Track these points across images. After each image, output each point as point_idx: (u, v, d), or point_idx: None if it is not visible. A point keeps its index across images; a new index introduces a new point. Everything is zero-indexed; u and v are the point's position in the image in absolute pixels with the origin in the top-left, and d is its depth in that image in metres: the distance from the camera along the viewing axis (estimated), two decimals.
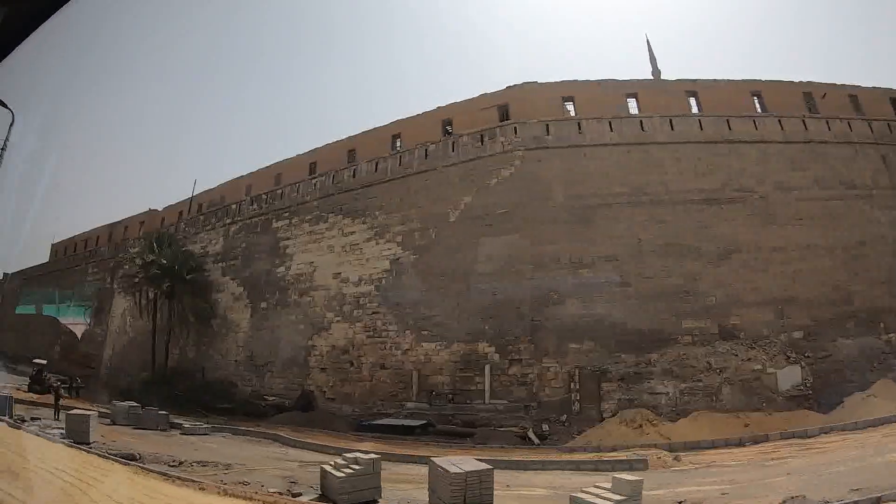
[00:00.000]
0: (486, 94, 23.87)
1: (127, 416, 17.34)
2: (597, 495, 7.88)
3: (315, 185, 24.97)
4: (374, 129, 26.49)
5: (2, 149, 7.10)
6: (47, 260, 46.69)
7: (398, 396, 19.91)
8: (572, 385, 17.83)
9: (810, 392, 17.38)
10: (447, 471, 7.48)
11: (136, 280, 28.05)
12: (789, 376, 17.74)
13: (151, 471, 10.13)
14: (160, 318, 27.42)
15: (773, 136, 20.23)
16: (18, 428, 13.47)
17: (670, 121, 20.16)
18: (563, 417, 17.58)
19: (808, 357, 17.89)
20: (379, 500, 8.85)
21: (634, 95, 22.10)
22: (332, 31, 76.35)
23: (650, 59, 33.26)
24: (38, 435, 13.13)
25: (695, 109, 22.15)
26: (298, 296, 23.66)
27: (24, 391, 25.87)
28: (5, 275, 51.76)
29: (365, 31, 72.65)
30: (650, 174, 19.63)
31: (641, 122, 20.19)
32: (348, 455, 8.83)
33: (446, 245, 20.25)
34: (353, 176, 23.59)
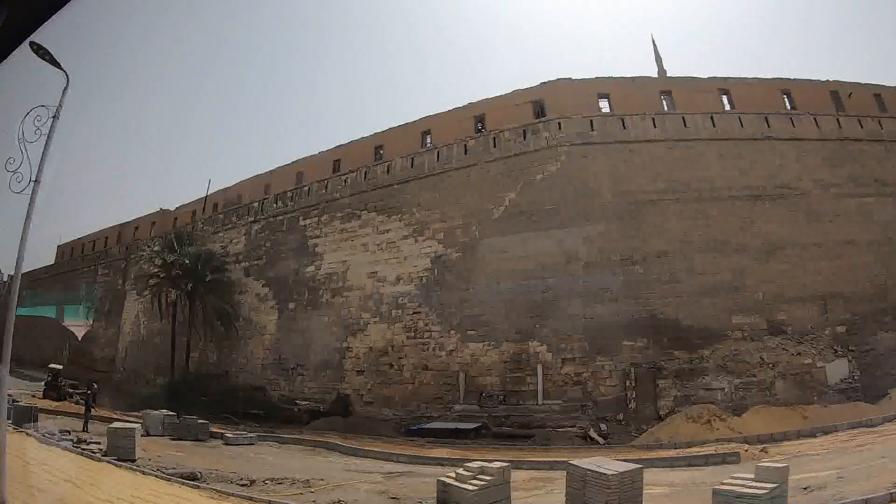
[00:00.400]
0: (518, 89, 23.33)
1: (162, 426, 16.05)
2: (742, 485, 7.47)
3: (345, 181, 23.95)
4: (403, 125, 25.65)
5: (55, 115, 6.34)
6: (53, 262, 44.44)
7: (443, 399, 19.14)
8: (627, 383, 17.46)
9: (858, 385, 17.56)
10: (602, 472, 6.89)
11: (156, 281, 26.48)
12: (837, 370, 17.82)
13: (232, 494, 9.12)
14: (180, 319, 25.98)
15: (809, 133, 20.39)
16: (52, 445, 12.17)
17: (711, 117, 20.09)
18: (620, 416, 17.16)
19: (853, 351, 18.08)
20: None
21: (669, 93, 21.96)
22: (356, 27, 74.64)
23: (656, 59, 33.44)
24: (82, 454, 11.73)
25: (727, 107, 22.32)
26: (331, 296, 22.61)
27: (39, 398, 24.11)
28: (9, 276, 49.00)
29: (388, 27, 71.38)
30: (694, 170, 19.48)
31: (683, 118, 20.06)
32: (471, 465, 8.10)
33: (491, 242, 19.60)
34: (387, 172, 22.75)
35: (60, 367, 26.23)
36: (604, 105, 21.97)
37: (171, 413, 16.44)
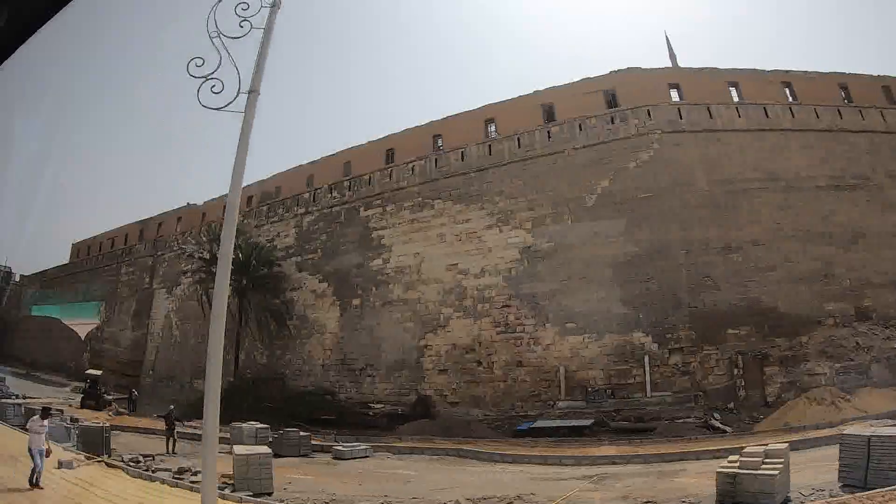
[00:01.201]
0: (587, 78, 22.45)
1: (255, 442, 13.88)
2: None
3: (413, 169, 22.22)
4: (464, 112, 24.16)
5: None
6: (67, 261, 39.60)
7: (541, 396, 17.88)
8: (735, 371, 17.00)
9: None
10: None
11: (200, 276, 23.71)
12: None
13: None
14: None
15: (877, 126, 20.88)
16: (153, 480, 9.56)
17: (790, 108, 20.18)
18: (731, 404, 16.70)
19: None
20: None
21: (735, 84, 21.93)
22: (407, 12, 71.52)
23: (670, 56, 33.84)
24: (192, 488, 8.75)
25: (789, 99, 22.57)
26: (403, 291, 20.83)
27: (77, 407, 20.95)
28: (21, 277, 43.16)
29: (441, 12, 68.50)
30: (779, 160, 19.28)
31: (765, 108, 19.99)
32: (751, 450, 7.15)
33: (586, 231, 18.63)
34: (461, 159, 21.32)
35: (99, 372, 23.10)
36: (674, 95, 21.68)
37: (263, 426, 14.27)
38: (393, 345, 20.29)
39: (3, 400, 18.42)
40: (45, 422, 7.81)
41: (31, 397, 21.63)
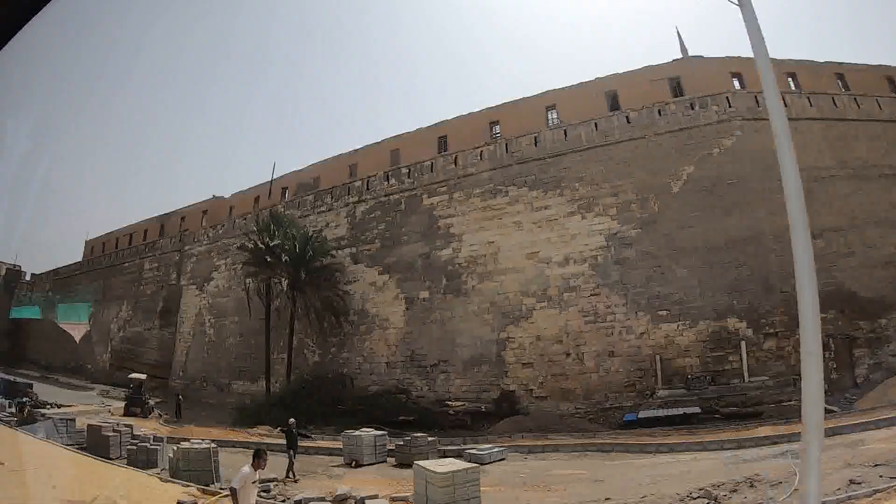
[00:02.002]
0: (650, 66, 22.11)
1: (375, 451, 12.10)
2: None
3: (481, 155, 21.04)
4: (523, 99, 23.25)
5: None
6: (80, 258, 35.73)
7: (636, 386, 17.17)
8: (827, 354, 16.97)
9: None
10: None
11: (250, 269, 21.52)
12: None
13: None
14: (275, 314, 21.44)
15: None
16: None
17: (855, 99, 20.49)
18: (825, 386, 16.68)
19: None
20: None
21: (793, 74, 22.14)
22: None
23: (681, 50, 34.33)
24: None
25: (841, 89, 22.97)
26: (478, 281, 19.59)
27: (120, 414, 18.47)
28: (33, 276, 38.91)
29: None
30: (849, 150, 19.50)
31: (833, 98, 20.20)
32: None
33: (673, 217, 18.04)
34: (535, 144, 20.33)
35: (144, 376, 20.60)
36: (736, 84, 21.61)
37: (380, 433, 12.67)
38: (469, 338, 19.05)
39: (38, 410, 15.85)
40: (258, 473, 5.34)
41: (63, 405, 18.98)
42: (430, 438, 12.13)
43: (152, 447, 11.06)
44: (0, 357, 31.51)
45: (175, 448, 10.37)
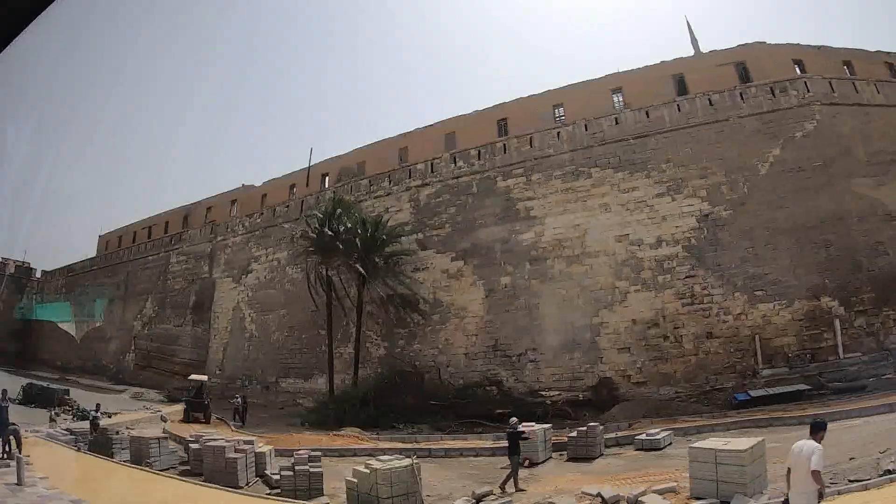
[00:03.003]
0: (715, 51, 22.20)
1: (545, 446, 10.82)
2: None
3: (559, 135, 20.22)
4: (587, 81, 22.70)
5: None
6: (94, 254, 31.95)
7: (736, 367, 16.88)
8: None
9: None
10: None
11: (312, 259, 19.67)
12: None
13: None
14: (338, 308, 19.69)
15: None
16: None
17: None
18: None
19: None
20: None
21: (849, 63, 22.72)
22: None
23: (691, 39, 35.06)
24: None
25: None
26: (565, 265, 18.74)
27: (180, 420, 16.32)
28: (44, 273, 34.41)
29: None
30: None
31: None
32: None
33: (763, 198, 17.82)
34: (616, 124, 19.73)
35: (205, 378, 18.35)
36: (797, 70, 21.93)
37: (545, 426, 11.39)
38: (559, 325, 18.18)
39: (92, 419, 13.47)
40: None
41: (108, 413, 16.57)
42: (600, 427, 11.11)
43: (314, 470, 8.59)
44: (11, 358, 27.93)
45: (361, 468, 7.98)
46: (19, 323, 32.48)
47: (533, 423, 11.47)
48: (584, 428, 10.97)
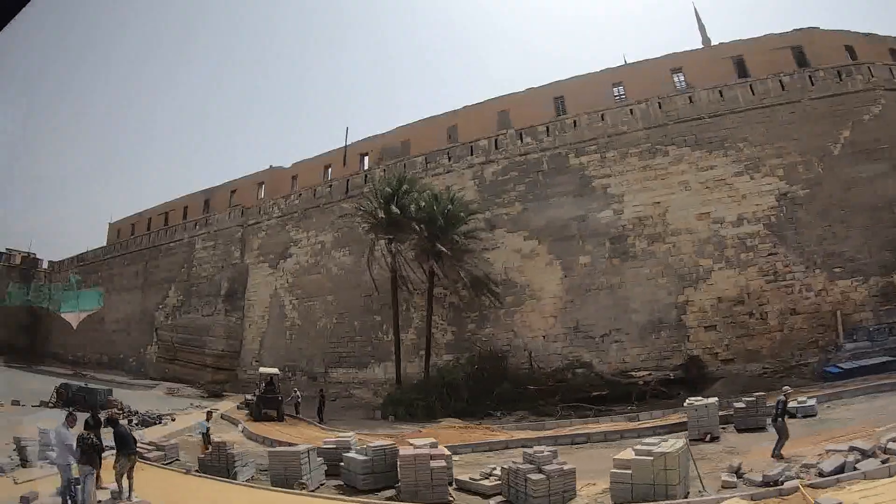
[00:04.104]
0: (771, 34, 22.53)
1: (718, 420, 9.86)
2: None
3: (632, 112, 19.80)
4: (646, 60, 22.56)
5: None
6: (104, 243, 28.23)
7: (818, 342, 17.12)
8: None
9: None
10: None
11: (379, 237, 18.19)
12: None
13: None
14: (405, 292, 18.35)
15: None
16: None
17: None
18: None
19: None
20: None
21: (894, 50, 23.69)
22: None
23: (699, 27, 36.11)
24: None
25: None
26: (648, 244, 18.35)
27: (247, 418, 14.47)
28: (51, 264, 30.00)
29: None
30: None
31: None
32: None
33: (837, 178, 18.07)
34: (690, 102, 19.50)
35: (275, 370, 16.47)
36: (847, 56, 22.58)
37: (713, 400, 10.75)
38: (643, 304, 17.77)
39: (205, 431, 10.60)
40: None
41: (169, 415, 14.56)
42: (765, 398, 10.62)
43: (568, 483, 6.83)
44: (20, 353, 24.58)
45: (626, 455, 6.81)
46: (26, 317, 28.99)
47: (699, 398, 10.90)
48: (752, 398, 10.52)
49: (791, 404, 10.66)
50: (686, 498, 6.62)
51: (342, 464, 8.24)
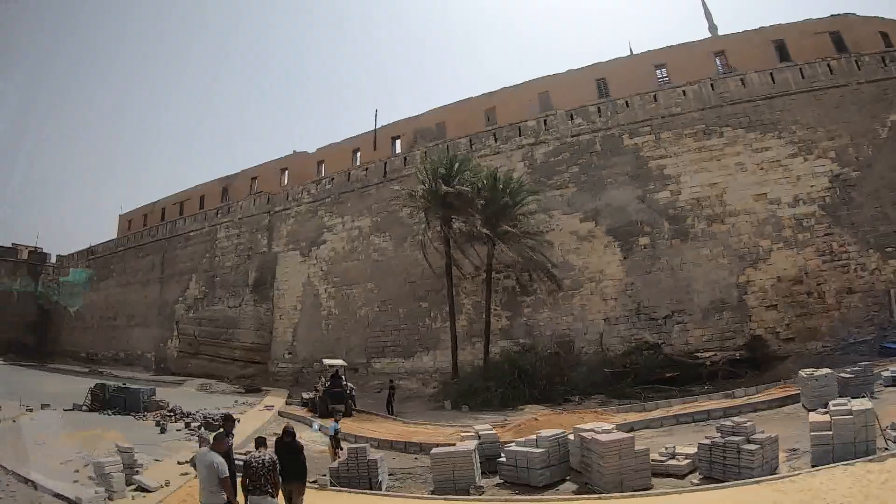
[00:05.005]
0: (810, 19, 23.05)
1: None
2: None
3: (685, 94, 19.70)
4: (688, 43, 22.70)
5: None
6: (115, 235, 25.85)
7: (874, 320, 17.49)
8: None
9: None
10: None
11: (429, 218, 17.33)
12: None
13: None
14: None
15: None
16: None
17: None
18: None
19: None
20: None
21: None
22: None
23: (706, 15, 37.20)
24: None
25: None
26: (707, 224, 18.31)
27: (309, 412, 13.38)
28: (59, 258, 26.87)
29: None
30: None
31: None
32: None
33: (886, 161, 18.52)
34: (742, 85, 19.59)
35: (341, 362, 15.38)
36: (883, 43, 23.22)
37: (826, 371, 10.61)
38: (705, 284, 17.70)
39: (334, 432, 9.28)
40: None
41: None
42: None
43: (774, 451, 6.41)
44: (29, 352, 22.28)
45: None
46: (34, 314, 26.50)
47: (811, 369, 10.76)
48: (859, 367, 10.51)
49: (884, 373, 10.76)
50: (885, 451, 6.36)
51: (501, 459, 7.54)
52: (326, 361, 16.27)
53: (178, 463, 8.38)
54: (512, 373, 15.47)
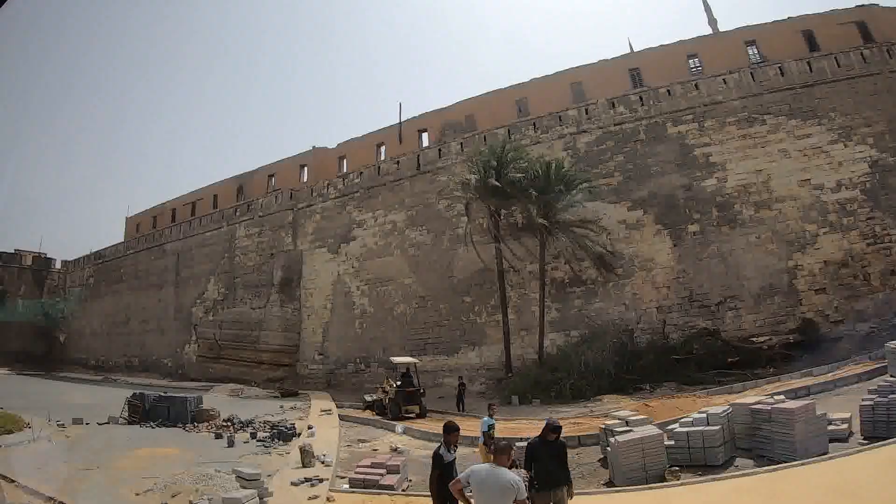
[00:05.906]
0: (836, 10, 23.70)
1: None
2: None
3: (725, 82, 19.80)
4: (718, 33, 23.07)
5: None
6: (122, 239, 23.87)
7: None
8: None
9: None
10: None
11: (480, 208, 16.68)
12: None
13: None
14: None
15: None
16: None
17: None
18: None
19: None
20: None
21: None
22: None
23: (705, 9, 38.34)
24: None
25: None
26: (754, 210, 18.41)
27: (373, 413, 12.51)
28: (64, 263, 24.02)
29: None
30: None
31: None
32: None
33: None
34: (781, 74, 19.85)
35: (411, 359, 14.46)
36: None
37: None
38: (755, 270, 17.82)
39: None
40: None
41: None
42: None
43: None
44: (37, 362, 20.16)
45: None
46: (41, 320, 24.18)
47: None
48: None
49: None
50: None
51: (668, 442, 7.08)
52: (395, 360, 15.45)
53: (292, 484, 7.37)
54: (579, 363, 15.06)
